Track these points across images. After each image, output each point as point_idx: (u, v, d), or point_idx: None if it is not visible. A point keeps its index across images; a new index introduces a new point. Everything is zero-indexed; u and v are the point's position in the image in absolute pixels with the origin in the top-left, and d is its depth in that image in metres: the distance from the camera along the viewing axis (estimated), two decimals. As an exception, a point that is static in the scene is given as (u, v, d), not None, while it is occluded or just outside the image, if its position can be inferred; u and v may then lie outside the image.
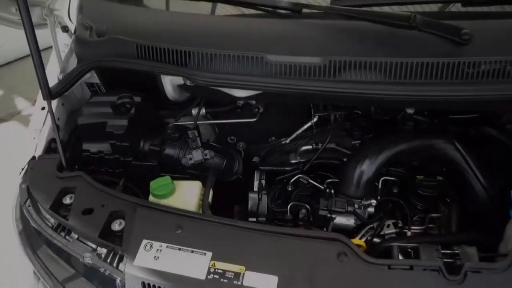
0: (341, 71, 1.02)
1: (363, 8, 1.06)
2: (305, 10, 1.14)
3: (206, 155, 1.19)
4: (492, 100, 1.07)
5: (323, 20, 1.12)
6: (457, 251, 0.83)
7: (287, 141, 1.45)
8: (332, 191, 1.16)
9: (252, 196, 1.29)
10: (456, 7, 1.19)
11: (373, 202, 1.12)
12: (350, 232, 1.11)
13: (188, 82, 1.13)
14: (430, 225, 1.18)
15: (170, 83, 1.22)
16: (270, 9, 1.17)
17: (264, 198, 1.29)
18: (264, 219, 1.27)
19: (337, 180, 1.20)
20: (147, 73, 1.15)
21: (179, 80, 1.18)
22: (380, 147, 1.11)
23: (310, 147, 1.38)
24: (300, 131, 1.43)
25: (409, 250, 0.90)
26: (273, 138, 1.50)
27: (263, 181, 1.33)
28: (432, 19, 1.01)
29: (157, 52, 1.13)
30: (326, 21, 1.12)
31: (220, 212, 1.20)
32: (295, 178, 1.29)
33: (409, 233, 1.12)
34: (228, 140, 1.55)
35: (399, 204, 1.17)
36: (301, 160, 1.37)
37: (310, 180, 1.27)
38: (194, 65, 1.10)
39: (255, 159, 1.42)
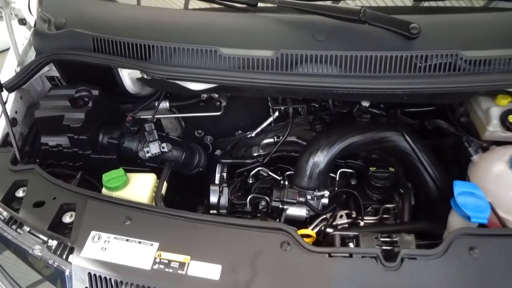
0: (292, 64, 1.04)
1: (315, 2, 1.07)
2: (261, 4, 1.16)
3: (163, 148, 1.19)
4: (442, 93, 1.10)
5: (277, 14, 1.13)
6: (395, 239, 0.86)
7: (253, 135, 1.47)
8: (286, 183, 1.18)
9: (213, 189, 1.30)
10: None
11: (326, 193, 1.14)
12: (303, 223, 1.13)
13: (144, 76, 1.13)
14: (385, 216, 1.22)
15: (128, 77, 1.23)
16: (226, 2, 1.18)
17: (225, 190, 1.30)
18: (225, 211, 1.28)
19: (296, 172, 1.22)
20: (103, 66, 1.15)
21: (137, 73, 1.18)
22: (332, 140, 1.13)
23: (271, 140, 1.40)
24: (264, 124, 1.45)
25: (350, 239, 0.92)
26: (239, 131, 1.52)
27: (225, 174, 1.35)
28: (381, 13, 1.02)
29: (113, 45, 1.13)
30: (280, 15, 1.13)
31: (181, 204, 1.22)
32: (255, 170, 1.31)
33: (362, 223, 1.14)
34: (196, 134, 1.56)
35: (353, 195, 1.19)
36: (263, 153, 1.39)
37: (270, 173, 1.29)
38: (150, 58, 1.10)
39: (217, 152, 1.43)
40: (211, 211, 1.30)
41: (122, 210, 0.93)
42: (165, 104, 1.42)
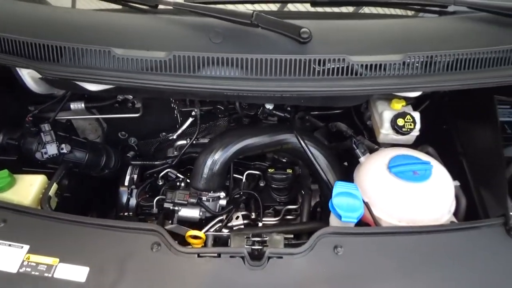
0: (186, 66, 1.04)
1: (210, 5, 1.08)
2: (161, 7, 1.16)
3: (62, 149, 1.17)
4: (336, 96, 1.13)
5: (176, 16, 1.14)
6: (265, 239, 0.87)
7: (174, 137, 1.47)
8: (183, 184, 1.19)
9: (122, 190, 1.29)
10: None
11: (222, 194, 1.14)
12: (200, 224, 1.14)
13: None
14: (289, 217, 1.24)
15: (28, 76, 1.20)
16: (127, 3, 1.17)
17: (135, 192, 1.29)
18: (131, 213, 1.27)
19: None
20: None
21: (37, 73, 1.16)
22: (226, 142, 1.14)
23: (185, 142, 1.40)
24: (184, 126, 1.45)
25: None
26: (163, 133, 1.51)
27: (135, 176, 1.34)
28: (273, 17, 1.04)
29: (7, 43, 1.10)
30: (179, 17, 1.13)
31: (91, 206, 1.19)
32: (163, 172, 1.30)
33: (260, 224, 1.16)
34: (120, 136, 1.54)
35: (254, 196, 1.20)
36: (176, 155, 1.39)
37: (178, 174, 1.29)
38: (44, 58, 1.08)
39: (130, 154, 1.42)
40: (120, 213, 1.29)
41: (-2, 212, 0.91)
42: (80, 105, 1.40)
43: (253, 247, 0.84)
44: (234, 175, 1.30)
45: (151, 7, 1.15)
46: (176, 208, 1.11)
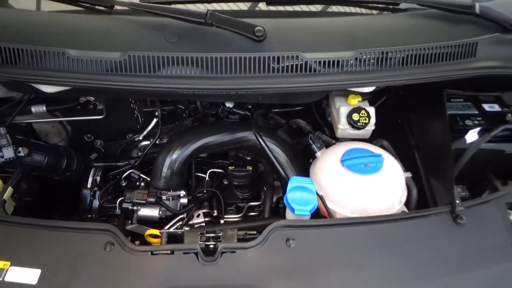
0: (141, 66, 1.04)
1: (164, 5, 1.08)
2: (117, 7, 1.16)
3: (19, 152, 1.16)
4: (293, 93, 1.15)
5: (132, 16, 1.14)
6: (219, 234, 0.89)
7: (140, 138, 1.46)
8: (142, 184, 1.19)
9: (85, 193, 1.29)
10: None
11: (182, 193, 1.15)
12: (160, 223, 1.14)
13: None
14: (252, 213, 1.25)
15: (-17, 79, 1.18)
16: (83, 4, 1.17)
17: (98, 194, 1.29)
18: (94, 215, 1.27)
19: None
20: None
21: (-8, 76, 1.14)
22: (185, 141, 1.15)
23: (148, 142, 1.40)
24: (150, 127, 1.45)
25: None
26: (130, 135, 1.51)
27: (98, 178, 1.33)
28: (227, 16, 1.06)
29: None
30: (134, 17, 1.13)
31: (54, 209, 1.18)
32: (126, 173, 1.30)
33: (222, 221, 1.17)
34: (85, 138, 1.53)
35: (216, 194, 1.21)
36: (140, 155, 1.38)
37: (142, 175, 1.29)
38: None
39: (92, 156, 1.41)
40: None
41: None
42: (42, 108, 1.39)
43: (206, 243, 0.85)
44: (199, 173, 1.31)
45: (107, 8, 1.15)
46: (135, 207, 1.11)
